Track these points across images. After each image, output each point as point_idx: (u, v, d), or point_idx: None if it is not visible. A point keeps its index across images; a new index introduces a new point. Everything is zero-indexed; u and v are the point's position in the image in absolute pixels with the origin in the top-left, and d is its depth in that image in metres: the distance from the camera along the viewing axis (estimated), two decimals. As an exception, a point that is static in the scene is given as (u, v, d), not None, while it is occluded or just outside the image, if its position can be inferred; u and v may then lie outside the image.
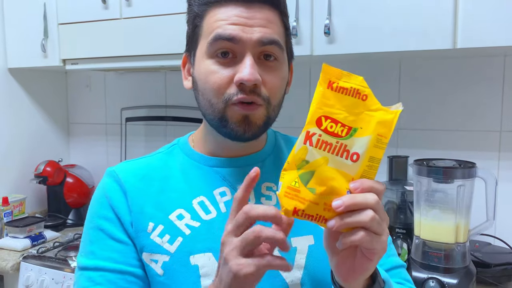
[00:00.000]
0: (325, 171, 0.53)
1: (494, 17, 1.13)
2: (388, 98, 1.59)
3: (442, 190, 1.20)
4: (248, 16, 0.66)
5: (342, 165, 0.53)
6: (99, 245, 0.70)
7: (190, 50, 0.74)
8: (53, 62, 1.72)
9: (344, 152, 0.53)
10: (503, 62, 1.43)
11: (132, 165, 0.77)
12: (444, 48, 1.19)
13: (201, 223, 0.70)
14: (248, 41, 0.66)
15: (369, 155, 0.54)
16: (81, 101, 2.17)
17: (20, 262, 1.53)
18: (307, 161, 0.53)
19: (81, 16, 1.65)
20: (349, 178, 0.53)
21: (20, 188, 1.93)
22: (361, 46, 1.27)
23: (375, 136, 0.54)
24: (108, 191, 0.73)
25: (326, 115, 0.54)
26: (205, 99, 0.69)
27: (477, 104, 1.47)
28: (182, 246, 0.68)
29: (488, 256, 1.29)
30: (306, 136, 0.54)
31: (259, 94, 0.67)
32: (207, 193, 0.73)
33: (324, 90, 0.54)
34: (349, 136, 0.53)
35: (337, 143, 0.53)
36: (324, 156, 0.53)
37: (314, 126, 0.54)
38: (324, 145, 0.53)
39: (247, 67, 0.65)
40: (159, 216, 0.70)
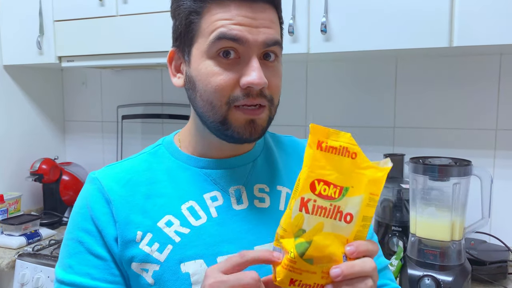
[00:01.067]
0: (321, 239, 0.52)
1: (490, 16, 1.13)
2: (384, 96, 1.59)
3: (438, 188, 1.20)
4: (253, 16, 0.64)
5: (336, 227, 0.53)
6: (77, 259, 0.68)
7: (182, 46, 0.70)
8: (48, 59, 1.71)
9: (338, 214, 0.53)
10: (499, 61, 1.44)
11: (115, 170, 0.74)
12: (440, 46, 1.19)
13: (190, 230, 0.68)
14: (254, 42, 0.64)
15: (362, 214, 0.53)
16: (77, 98, 2.16)
17: (16, 260, 1.53)
18: (303, 230, 0.52)
19: (77, 13, 1.64)
20: (344, 240, 0.53)
21: (15, 186, 1.92)
22: (358, 44, 1.28)
23: (367, 195, 0.53)
24: (90, 201, 0.70)
25: (319, 178, 0.53)
26: (204, 100, 0.67)
27: (473, 102, 1.48)
28: (172, 254, 0.66)
29: (483, 253, 1.29)
30: (301, 203, 0.53)
31: (265, 96, 0.66)
32: (196, 198, 0.70)
33: (315, 152, 0.54)
34: (342, 197, 0.53)
35: (331, 205, 0.53)
36: (320, 221, 0.52)
37: (309, 192, 0.53)
38: (319, 210, 0.52)
39: (256, 70, 0.63)
40: (147, 224, 0.68)
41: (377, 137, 1.61)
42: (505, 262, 1.27)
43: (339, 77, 1.65)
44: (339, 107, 1.66)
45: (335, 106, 1.67)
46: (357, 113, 1.63)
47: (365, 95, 1.62)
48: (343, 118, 1.66)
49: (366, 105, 1.62)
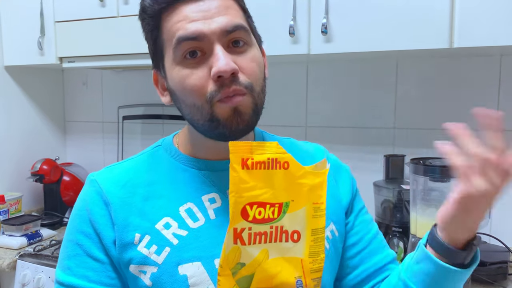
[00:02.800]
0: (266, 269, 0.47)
1: (491, 17, 1.14)
2: (384, 96, 1.59)
3: (438, 189, 1.20)
4: (204, 8, 0.64)
5: (285, 250, 0.47)
6: (75, 261, 0.69)
7: (158, 65, 0.70)
8: (49, 60, 1.72)
9: (283, 234, 0.47)
10: (499, 62, 1.44)
11: (115, 172, 0.74)
12: (441, 48, 1.19)
13: (188, 232, 0.68)
14: (212, 33, 0.63)
15: (310, 228, 0.48)
16: (77, 99, 2.17)
17: (17, 260, 1.53)
18: (242, 264, 0.46)
19: (78, 14, 1.64)
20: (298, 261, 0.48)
21: (16, 186, 1.92)
22: (358, 45, 1.28)
23: (310, 206, 0.48)
24: (89, 204, 0.70)
25: (251, 202, 0.46)
26: (188, 105, 0.66)
27: (473, 103, 1.48)
28: (170, 257, 0.66)
29: (483, 254, 1.27)
30: (235, 234, 0.46)
31: (240, 82, 0.63)
32: (195, 200, 0.70)
33: (239, 173, 0.47)
34: (283, 215, 0.46)
35: (272, 228, 0.46)
36: (262, 249, 0.46)
37: (241, 220, 0.46)
38: (258, 238, 0.46)
39: (220, 58, 0.62)
40: (145, 226, 0.68)
41: (378, 138, 1.61)
42: (505, 263, 1.27)
43: (340, 78, 1.65)
44: (340, 107, 1.66)
45: (336, 106, 1.67)
46: (357, 114, 1.64)
47: (365, 96, 1.62)
48: (344, 119, 1.66)
49: (367, 106, 1.62)
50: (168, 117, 1.90)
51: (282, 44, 1.35)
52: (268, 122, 1.80)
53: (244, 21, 0.67)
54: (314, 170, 0.49)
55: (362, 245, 0.77)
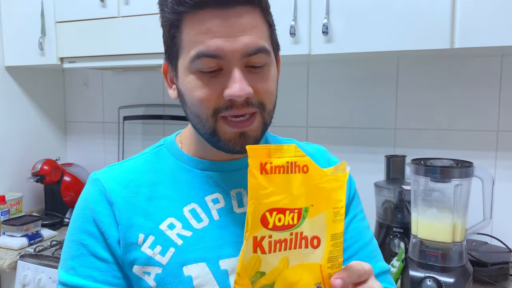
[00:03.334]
0: (287, 277, 0.45)
1: (492, 17, 1.13)
2: (385, 97, 1.59)
3: (439, 189, 1.20)
4: (229, 24, 0.61)
5: (304, 257, 0.46)
6: (80, 261, 0.68)
7: (171, 60, 0.69)
8: (50, 61, 1.72)
9: (302, 241, 0.46)
10: (500, 62, 1.44)
11: (117, 171, 0.73)
12: (442, 48, 1.19)
13: (193, 232, 0.67)
14: (233, 53, 0.61)
15: (330, 233, 0.47)
16: (78, 99, 2.17)
17: (17, 260, 1.53)
18: (262, 273, 0.45)
19: (78, 14, 1.65)
20: (317, 267, 0.47)
21: (17, 187, 1.92)
22: (359, 45, 1.28)
23: (330, 211, 0.47)
24: (92, 203, 0.69)
25: (271, 208, 0.45)
26: (192, 113, 0.66)
27: (474, 104, 1.48)
28: (175, 257, 0.66)
29: (485, 255, 1.29)
30: (254, 243, 0.45)
31: (252, 103, 0.64)
32: (198, 200, 0.70)
33: (258, 180, 0.46)
34: (302, 220, 0.46)
35: (291, 234, 0.45)
36: (283, 257, 0.45)
37: (261, 228, 0.45)
38: (278, 245, 0.45)
39: (236, 81, 0.61)
40: (149, 226, 0.67)
41: (379, 138, 1.61)
42: (507, 264, 1.27)
43: (341, 78, 1.65)
44: (340, 108, 1.66)
45: (336, 107, 1.67)
46: (358, 114, 1.64)
47: (366, 96, 1.62)
48: (344, 119, 1.66)
49: (368, 106, 1.62)
50: (169, 118, 1.90)
51: (283, 44, 1.32)
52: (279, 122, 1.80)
53: (267, 41, 0.66)
54: (334, 173, 0.48)
55: (348, 254, 0.74)
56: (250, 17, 0.62)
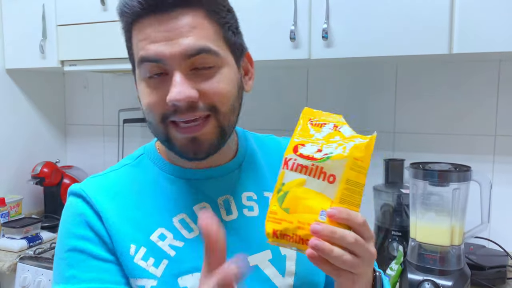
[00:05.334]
0: (299, 191, 0.55)
1: (490, 23, 1.15)
2: (384, 101, 1.60)
3: (437, 193, 1.21)
4: (167, 28, 0.60)
5: (319, 187, 0.54)
6: (80, 267, 0.63)
7: (132, 70, 0.70)
8: (51, 63, 1.73)
9: (321, 174, 0.54)
10: (497, 67, 1.45)
11: (101, 182, 0.70)
12: (440, 53, 1.20)
13: (185, 243, 0.66)
14: (173, 57, 0.60)
15: (346, 177, 0.54)
16: (78, 102, 2.17)
17: (17, 263, 1.53)
18: (283, 184, 0.55)
19: (80, 18, 1.65)
20: (328, 200, 0.54)
21: (16, 189, 1.93)
22: (358, 50, 1.29)
23: (351, 160, 0.55)
24: (82, 209, 0.66)
25: (303, 143, 0.57)
26: (147, 120, 0.66)
27: (472, 108, 1.49)
28: (169, 269, 0.64)
29: (482, 258, 1.30)
30: (284, 162, 0.56)
31: (199, 108, 0.61)
32: (187, 210, 0.68)
33: (304, 126, 0.59)
34: (326, 159, 0.55)
35: (313, 165, 0.55)
36: (301, 178, 0.55)
37: (291, 153, 0.56)
38: (299, 168, 0.55)
39: (176, 85, 0.59)
40: (140, 237, 0.65)
41: (377, 142, 1.59)
42: (504, 267, 1.28)
43: (340, 82, 1.66)
44: (340, 112, 1.65)
45: (336, 111, 1.66)
46: (357, 118, 1.64)
47: (365, 100, 1.63)
48: (344, 123, 1.66)
49: (367, 110, 1.63)
50: (169, 121, 1.90)
51: (283, 48, 1.36)
52: (268, 126, 1.81)
53: (214, 42, 0.62)
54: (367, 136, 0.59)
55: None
56: (190, 18, 0.61)
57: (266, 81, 1.74)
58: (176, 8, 0.60)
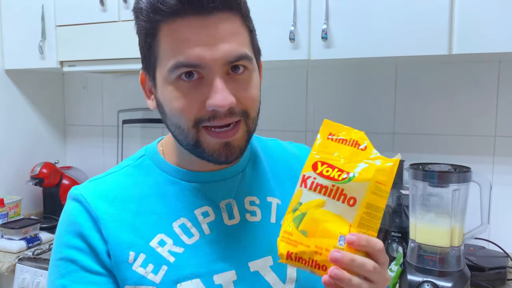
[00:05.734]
0: (317, 213, 0.52)
1: (490, 24, 1.15)
2: (384, 102, 1.60)
3: (437, 194, 1.21)
4: (208, 33, 0.59)
5: (338, 209, 0.52)
6: (71, 278, 0.63)
7: (148, 69, 0.66)
8: (50, 64, 1.72)
9: (341, 196, 0.52)
10: (497, 68, 1.45)
11: (100, 186, 0.69)
12: (440, 54, 1.20)
13: (185, 248, 0.65)
14: (214, 62, 0.59)
15: (366, 201, 0.52)
16: (78, 103, 2.17)
17: (16, 264, 1.53)
18: (300, 203, 0.53)
19: (79, 18, 1.65)
20: (346, 224, 0.52)
21: (16, 190, 1.92)
22: (358, 51, 1.29)
23: (373, 183, 0.53)
24: (77, 217, 0.66)
25: (323, 161, 0.54)
26: (173, 124, 0.64)
27: (472, 109, 1.49)
28: (168, 275, 0.63)
29: (482, 259, 1.30)
30: (302, 179, 0.54)
31: (235, 113, 0.61)
32: (187, 214, 0.67)
33: (323, 140, 0.56)
34: (347, 181, 0.52)
35: (333, 186, 0.53)
36: (320, 198, 0.53)
37: (310, 170, 0.54)
38: (319, 188, 0.53)
39: (218, 91, 0.59)
40: (139, 243, 0.64)
41: (377, 143, 1.60)
42: (504, 268, 1.27)
43: (340, 83, 1.66)
44: (339, 112, 1.67)
45: (335, 111, 1.67)
46: (357, 119, 1.64)
47: (365, 101, 1.63)
48: (343, 123, 1.65)
49: (366, 111, 1.63)
50: (168, 121, 1.90)
51: (283, 49, 1.36)
52: (268, 127, 1.81)
53: (248, 48, 0.63)
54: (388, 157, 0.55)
55: None
56: (230, 24, 0.60)
57: (266, 81, 1.73)
58: (217, 11, 0.59)
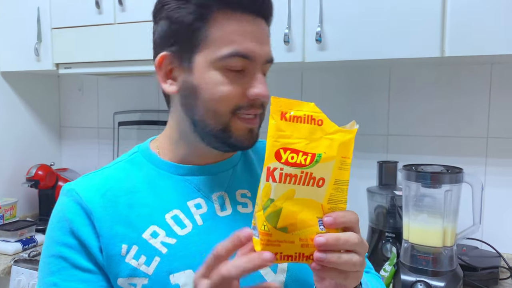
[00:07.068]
0: (291, 205, 0.51)
1: (481, 26, 1.16)
2: (378, 104, 1.61)
3: (430, 195, 1.22)
4: (260, 32, 0.67)
5: (309, 193, 0.52)
6: (61, 275, 0.64)
7: (180, 52, 0.67)
8: (46, 66, 1.73)
9: (311, 180, 0.51)
10: (489, 70, 1.47)
11: (93, 180, 0.70)
12: (433, 56, 1.22)
13: (177, 240, 0.66)
14: (261, 58, 0.67)
15: (334, 178, 0.52)
16: (73, 104, 2.17)
17: (11, 266, 1.53)
18: (271, 200, 0.51)
19: (74, 21, 1.66)
20: (318, 205, 0.52)
21: (11, 192, 1.92)
22: (352, 53, 1.30)
23: (339, 159, 0.53)
24: (69, 213, 0.66)
25: (285, 147, 0.51)
26: (207, 108, 0.66)
27: (464, 111, 1.51)
28: (160, 266, 0.64)
29: (475, 259, 1.31)
30: (267, 172, 0.51)
31: (261, 105, 0.69)
32: (180, 206, 0.69)
33: (277, 122, 0.52)
34: (314, 163, 0.51)
35: (302, 173, 0.51)
36: (290, 189, 0.51)
37: (274, 161, 0.51)
38: (288, 178, 0.51)
39: (262, 83, 0.67)
40: (132, 236, 0.65)
41: (371, 144, 1.63)
42: (496, 268, 1.29)
43: (334, 85, 1.68)
44: (333, 114, 1.67)
45: (330, 113, 1.67)
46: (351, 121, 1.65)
47: (359, 103, 1.64)
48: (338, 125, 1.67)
49: (360, 113, 1.64)
50: (164, 123, 1.89)
51: (277, 52, 1.34)
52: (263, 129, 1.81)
53: None
54: (345, 128, 0.55)
55: None
56: (267, 29, 0.70)
57: (261, 83, 1.74)
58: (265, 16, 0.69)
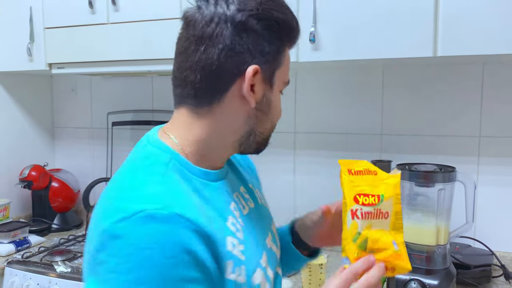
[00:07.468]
0: (373, 235, 0.68)
1: (474, 26, 1.17)
2: (371, 103, 1.62)
3: (423, 193, 1.23)
4: None
5: (380, 224, 0.69)
6: None
7: (268, 68, 0.68)
8: (39, 66, 1.72)
9: (380, 214, 0.69)
10: (481, 70, 1.48)
11: (185, 199, 0.63)
12: (425, 56, 1.23)
13: (244, 245, 0.68)
14: None
15: (394, 211, 0.70)
16: (66, 105, 2.16)
17: (5, 267, 1.52)
18: (359, 233, 0.68)
19: (67, 21, 1.65)
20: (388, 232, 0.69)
21: (4, 193, 1.90)
22: (345, 53, 1.31)
23: (395, 196, 0.70)
24: (190, 245, 0.57)
25: (359, 193, 0.69)
26: (272, 123, 0.75)
27: (457, 110, 1.52)
28: (247, 273, 0.67)
29: (468, 258, 1.32)
30: (352, 213, 0.68)
31: None
32: (229, 212, 0.70)
33: (349, 177, 0.71)
34: (381, 202, 0.69)
35: (375, 210, 0.69)
36: (368, 223, 0.68)
37: (354, 204, 0.68)
38: (367, 215, 0.68)
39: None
40: (224, 252, 0.64)
41: (365, 144, 1.63)
42: (489, 266, 1.30)
43: (328, 85, 1.68)
44: (328, 114, 1.69)
45: (324, 113, 1.69)
46: (345, 120, 1.66)
47: (353, 102, 1.65)
48: (332, 125, 1.68)
49: (354, 113, 1.65)
50: (158, 123, 1.89)
51: None
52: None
53: None
54: (392, 174, 0.73)
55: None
56: None
57: (255, 83, 1.74)
58: None
